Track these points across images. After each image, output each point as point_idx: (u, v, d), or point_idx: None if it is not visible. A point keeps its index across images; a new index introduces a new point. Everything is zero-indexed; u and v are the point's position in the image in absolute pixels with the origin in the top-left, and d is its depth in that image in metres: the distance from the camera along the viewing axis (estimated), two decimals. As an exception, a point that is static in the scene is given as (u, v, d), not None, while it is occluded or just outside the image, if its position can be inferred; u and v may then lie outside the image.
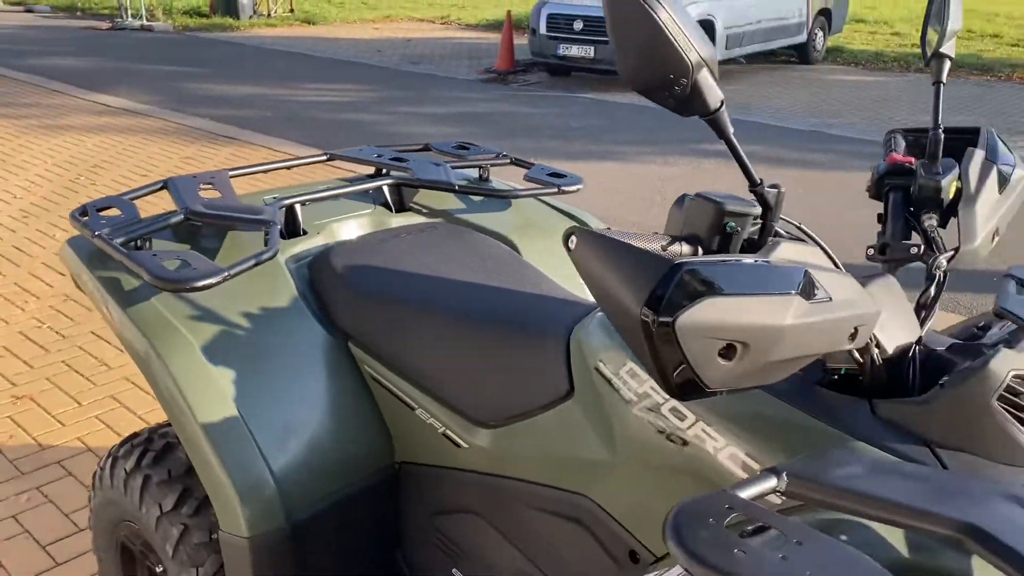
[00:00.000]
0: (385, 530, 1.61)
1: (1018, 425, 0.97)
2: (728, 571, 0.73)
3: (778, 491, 0.88)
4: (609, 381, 1.25)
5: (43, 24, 15.63)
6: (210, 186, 1.81)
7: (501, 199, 2.05)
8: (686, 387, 0.83)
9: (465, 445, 1.47)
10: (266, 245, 1.53)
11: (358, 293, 1.58)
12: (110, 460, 1.72)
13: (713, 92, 0.92)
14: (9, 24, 15.51)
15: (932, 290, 1.23)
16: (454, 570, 1.54)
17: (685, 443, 1.15)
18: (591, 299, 1.63)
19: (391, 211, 1.94)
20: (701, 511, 0.80)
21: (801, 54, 12.02)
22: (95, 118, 7.85)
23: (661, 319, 0.79)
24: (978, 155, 1.28)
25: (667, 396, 1.17)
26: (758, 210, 1.02)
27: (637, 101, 9.20)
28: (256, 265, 1.47)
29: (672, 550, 0.76)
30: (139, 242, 1.55)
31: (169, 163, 6.32)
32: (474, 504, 1.49)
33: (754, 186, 1.02)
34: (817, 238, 1.14)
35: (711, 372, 0.82)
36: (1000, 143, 1.35)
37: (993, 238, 1.25)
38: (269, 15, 16.67)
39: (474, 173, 2.12)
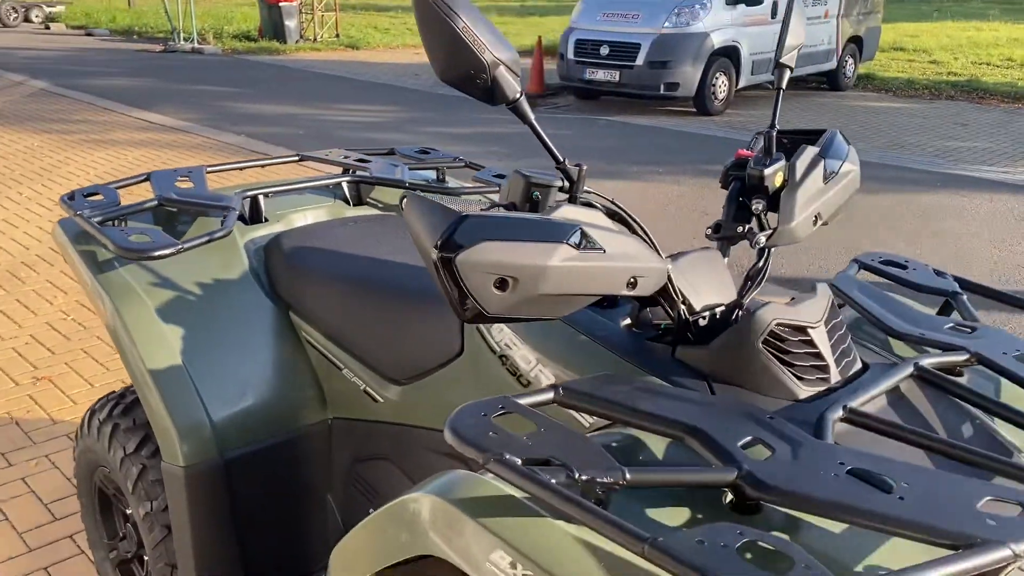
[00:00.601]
0: (317, 476, 1.84)
1: (778, 364, 1.17)
2: (476, 443, 0.94)
3: (554, 401, 1.09)
4: (484, 337, 1.47)
5: (101, 46, 16.40)
6: (187, 179, 2.07)
7: (450, 196, 2.28)
8: (472, 312, 1.05)
9: (380, 400, 1.70)
10: (222, 226, 1.78)
11: (300, 269, 1.82)
12: (89, 414, 1.98)
13: (511, 85, 1.14)
14: (70, 46, 16.30)
15: (760, 264, 1.42)
16: (371, 510, 1.76)
17: (529, 382, 1.36)
18: None
19: (348, 204, 2.19)
20: (480, 408, 1.02)
21: (831, 81, 12.12)
22: (138, 134, 8.30)
23: (445, 255, 1.01)
24: (810, 151, 1.48)
25: (518, 343, 1.38)
26: (559, 183, 1.23)
27: (657, 124, 9.40)
28: (209, 241, 1.72)
29: (445, 432, 0.98)
30: (115, 222, 1.81)
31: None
32: (387, 451, 1.71)
33: (558, 164, 1.24)
34: (627, 211, 1.34)
35: (488, 301, 1.03)
36: (842, 143, 1.55)
37: (816, 222, 1.44)
38: (315, 39, 17.25)
39: (432, 174, 2.35)
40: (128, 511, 1.98)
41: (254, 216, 2.02)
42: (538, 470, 0.91)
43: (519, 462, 0.92)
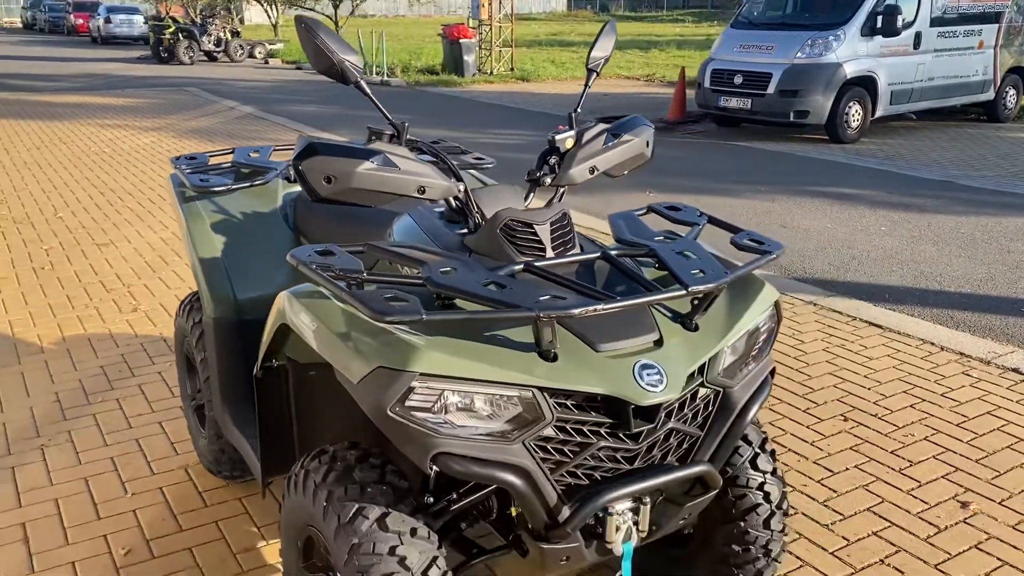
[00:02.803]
0: None
1: (508, 243, 1.89)
2: (296, 257, 1.75)
3: (364, 250, 1.87)
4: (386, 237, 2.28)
5: (306, 79, 18.58)
6: (258, 154, 3.03)
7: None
8: (313, 196, 1.85)
9: None
10: (262, 180, 2.71)
11: (309, 212, 2.70)
12: (180, 305, 2.96)
13: (352, 74, 1.94)
14: (281, 79, 18.60)
15: (552, 198, 2.15)
16: None
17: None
18: None
19: None
20: (310, 248, 1.83)
21: (989, 112, 11.88)
22: (313, 150, 9.72)
23: (295, 164, 1.83)
24: (599, 126, 2.19)
25: (394, 237, 2.18)
26: (390, 132, 2.03)
27: (784, 150, 9.76)
28: (249, 187, 2.65)
29: (288, 257, 1.80)
30: (201, 176, 2.78)
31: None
32: None
33: (387, 119, 2.03)
34: (446, 157, 2.10)
35: (320, 188, 1.84)
36: (637, 125, 2.23)
37: (592, 172, 2.14)
38: (490, 72, 18.66)
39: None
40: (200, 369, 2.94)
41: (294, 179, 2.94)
42: (324, 273, 1.71)
43: (313, 265, 1.73)
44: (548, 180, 2.13)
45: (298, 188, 2.91)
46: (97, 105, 13.41)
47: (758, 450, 2.12)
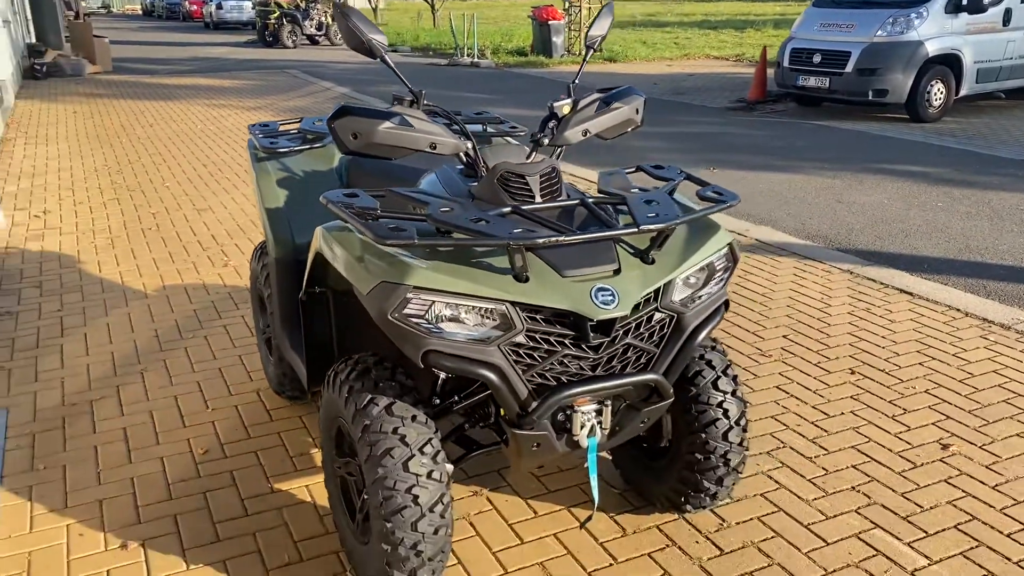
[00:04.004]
0: None
1: (503, 190, 2.28)
2: (329, 199, 2.18)
3: (384, 195, 2.29)
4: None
5: (400, 61, 19.25)
6: (321, 123, 3.50)
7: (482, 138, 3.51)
8: (342, 149, 2.27)
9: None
10: (322, 143, 3.18)
11: (359, 170, 3.15)
12: (254, 250, 3.47)
13: (378, 50, 2.35)
14: (375, 61, 19.32)
15: (552, 155, 2.53)
16: None
17: None
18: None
19: None
20: (340, 192, 2.27)
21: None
22: (399, 128, 10.27)
23: (330, 123, 2.26)
24: (594, 95, 2.55)
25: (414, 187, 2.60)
26: (410, 98, 2.44)
27: (861, 129, 9.77)
28: (311, 149, 3.13)
29: (321, 199, 2.23)
30: (271, 140, 3.26)
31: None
32: None
33: (408, 87, 2.44)
34: (448, 111, 2.49)
35: (348, 143, 2.26)
36: (629, 95, 2.58)
37: (585, 134, 2.50)
38: (579, 53, 18.90)
39: (479, 127, 3.58)
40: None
41: None
42: (346, 210, 2.15)
43: (339, 203, 2.16)
44: (546, 141, 2.51)
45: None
46: (206, 86, 14.34)
47: (720, 373, 2.46)
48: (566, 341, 2.11)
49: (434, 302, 2.01)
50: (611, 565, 2.48)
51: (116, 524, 2.66)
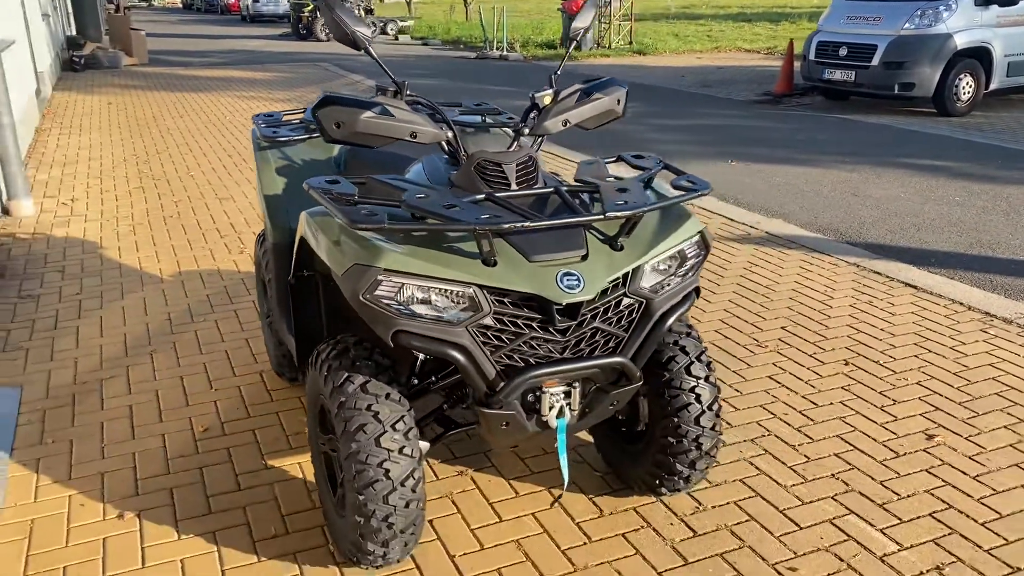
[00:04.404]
0: None
1: (479, 178, 2.35)
2: (311, 186, 2.28)
3: (364, 182, 2.38)
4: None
5: (430, 54, 19.38)
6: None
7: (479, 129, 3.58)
8: (327, 138, 2.36)
9: None
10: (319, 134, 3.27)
11: (355, 159, 3.25)
12: (256, 238, 3.58)
13: (361, 41, 2.43)
14: (406, 54, 19.48)
15: (532, 144, 2.60)
16: None
17: None
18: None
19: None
20: (322, 179, 2.35)
21: None
22: (423, 120, 10.38)
23: (314, 112, 2.35)
24: (575, 86, 2.61)
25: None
26: (393, 88, 2.52)
27: (887, 123, 9.68)
28: (310, 139, 3.22)
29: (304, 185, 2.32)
30: (273, 129, 3.36)
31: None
32: None
33: (391, 79, 2.52)
34: (432, 102, 2.57)
35: (332, 132, 2.35)
36: (610, 86, 2.63)
37: (565, 124, 2.56)
38: (609, 46, 18.89)
39: (478, 118, 3.66)
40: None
41: None
42: (325, 195, 2.23)
43: (319, 190, 2.25)
44: (527, 131, 2.57)
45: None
46: (237, 78, 14.58)
47: (694, 359, 2.52)
48: (533, 324, 2.18)
49: (404, 284, 2.09)
50: (585, 544, 2.55)
51: (115, 496, 2.79)
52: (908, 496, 2.78)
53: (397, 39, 24.22)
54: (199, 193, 6.71)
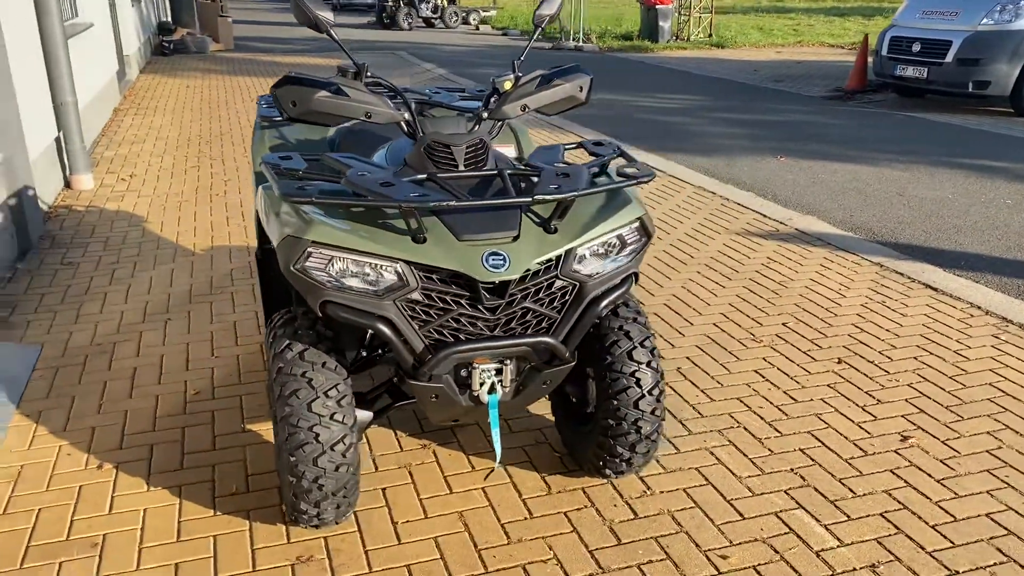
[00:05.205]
0: None
1: (427, 158, 2.43)
2: (264, 161, 2.40)
3: (320, 157, 2.49)
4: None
5: (506, 44, 19.48)
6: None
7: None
8: (284, 116, 2.48)
9: None
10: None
11: (347, 139, 3.37)
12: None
13: (323, 25, 2.53)
14: (483, 43, 19.63)
15: (491, 129, 2.66)
16: None
17: None
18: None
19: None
20: (278, 155, 2.47)
21: None
22: (482, 108, 10.50)
23: (272, 90, 2.47)
24: (536, 72, 2.66)
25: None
26: (354, 69, 2.61)
27: (955, 122, 9.33)
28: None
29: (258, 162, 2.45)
30: (274, 109, 3.51)
31: (501, 138, 8.58)
32: None
33: (352, 60, 2.62)
34: (393, 84, 2.65)
35: (288, 110, 2.45)
36: (572, 73, 2.67)
37: (524, 109, 2.61)
38: (688, 39, 18.65)
39: (478, 104, 3.73)
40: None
41: None
42: (271, 170, 2.35)
43: (270, 166, 2.37)
44: (485, 114, 2.64)
45: (349, 123, 3.58)
46: (313, 65, 14.98)
47: (637, 344, 2.54)
48: (462, 301, 2.25)
49: (333, 257, 2.19)
50: (525, 519, 2.61)
51: (101, 448, 2.99)
52: (864, 495, 2.74)
53: (478, 29, 24.41)
54: (249, 173, 6.98)
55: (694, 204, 6.05)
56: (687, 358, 3.69)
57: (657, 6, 18.12)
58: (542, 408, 3.24)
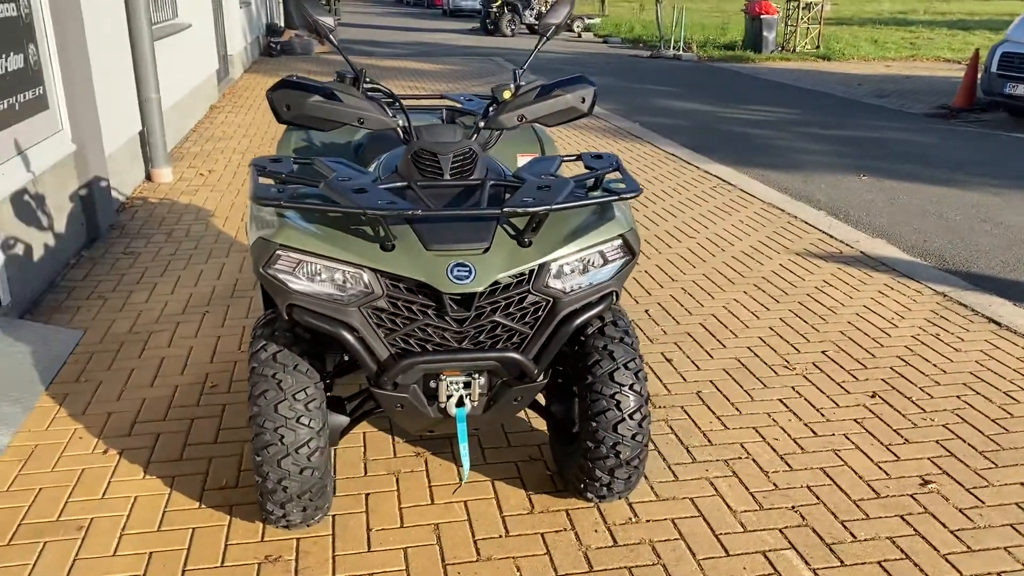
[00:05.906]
0: None
1: (413, 166, 2.41)
2: (256, 161, 2.43)
3: (295, 162, 2.50)
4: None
5: (606, 52, 19.36)
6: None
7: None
8: (279, 120, 2.50)
9: None
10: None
11: (370, 143, 3.38)
12: None
13: (324, 30, 2.54)
14: (582, 51, 19.56)
15: (488, 138, 2.63)
16: None
17: None
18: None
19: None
20: (267, 159, 2.50)
21: None
22: (565, 116, 10.44)
23: (268, 93, 2.50)
24: (536, 82, 2.61)
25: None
26: (352, 76, 2.61)
27: (1066, 144, 8.72)
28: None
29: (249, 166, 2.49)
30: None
31: (579, 147, 8.50)
32: None
33: (351, 66, 2.62)
34: (391, 91, 2.63)
35: (283, 113, 2.48)
36: (573, 83, 2.60)
37: (521, 119, 2.56)
38: (793, 50, 18.09)
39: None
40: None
41: None
42: (257, 175, 2.38)
43: (257, 169, 2.40)
44: (482, 124, 2.60)
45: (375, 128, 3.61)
46: (409, 69, 15.25)
47: (621, 366, 2.45)
48: (428, 312, 2.22)
49: (301, 261, 2.20)
50: (500, 537, 2.56)
51: (111, 434, 3.09)
52: (864, 540, 2.57)
53: (580, 37, 24.34)
54: (320, 173, 7.14)
55: (758, 221, 5.85)
56: (711, 382, 3.55)
57: (762, 16, 17.65)
58: (543, 423, 3.18)
